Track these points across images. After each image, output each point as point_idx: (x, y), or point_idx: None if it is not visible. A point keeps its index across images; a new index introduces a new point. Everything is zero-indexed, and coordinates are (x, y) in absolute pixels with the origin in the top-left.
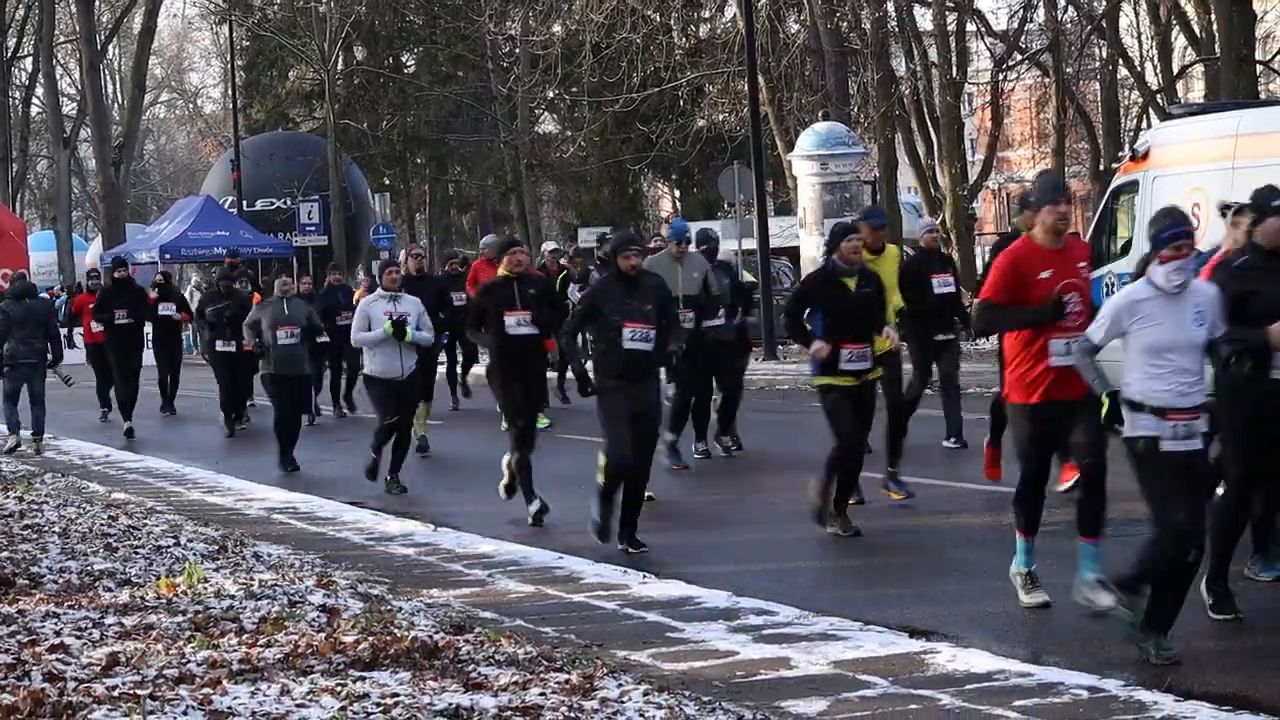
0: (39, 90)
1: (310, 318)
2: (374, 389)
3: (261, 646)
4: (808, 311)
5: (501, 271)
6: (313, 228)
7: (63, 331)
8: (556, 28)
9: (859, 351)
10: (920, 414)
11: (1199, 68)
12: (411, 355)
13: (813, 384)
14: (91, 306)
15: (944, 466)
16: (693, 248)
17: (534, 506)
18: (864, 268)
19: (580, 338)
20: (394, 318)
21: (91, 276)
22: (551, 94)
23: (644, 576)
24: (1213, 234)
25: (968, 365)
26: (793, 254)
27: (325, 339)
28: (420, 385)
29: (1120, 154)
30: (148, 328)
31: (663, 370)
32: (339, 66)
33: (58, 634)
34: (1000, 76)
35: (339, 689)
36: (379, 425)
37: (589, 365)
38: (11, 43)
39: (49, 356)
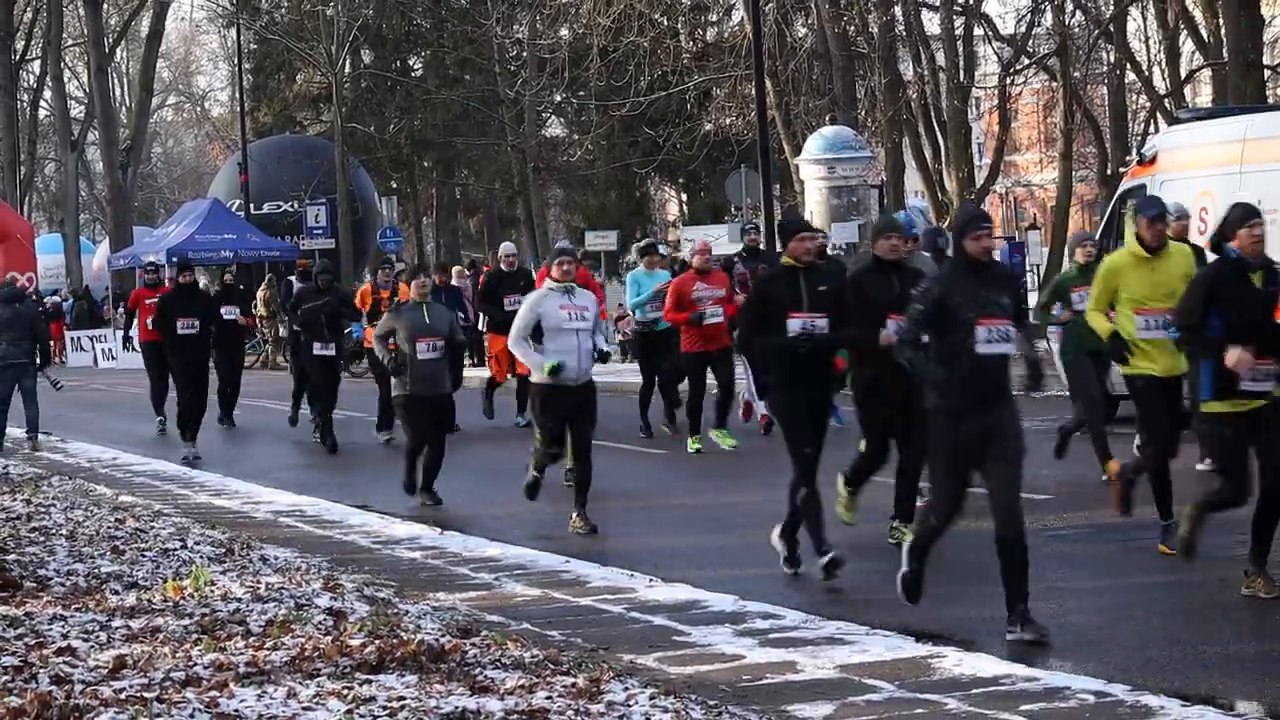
0: (47, 93)
1: (453, 326)
2: (540, 402)
3: (268, 649)
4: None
5: (787, 260)
6: (320, 231)
7: (117, 332)
8: (564, 31)
9: (1267, 369)
10: None
11: (1206, 72)
12: (590, 359)
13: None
14: (152, 316)
15: None
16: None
17: (826, 558)
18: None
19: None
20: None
21: (149, 270)
22: (559, 97)
23: (650, 580)
24: None
25: None
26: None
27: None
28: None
29: (1127, 158)
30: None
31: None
32: (346, 70)
33: (65, 636)
34: (1008, 80)
35: (345, 692)
36: (539, 447)
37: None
38: (20, 46)
39: (38, 360)
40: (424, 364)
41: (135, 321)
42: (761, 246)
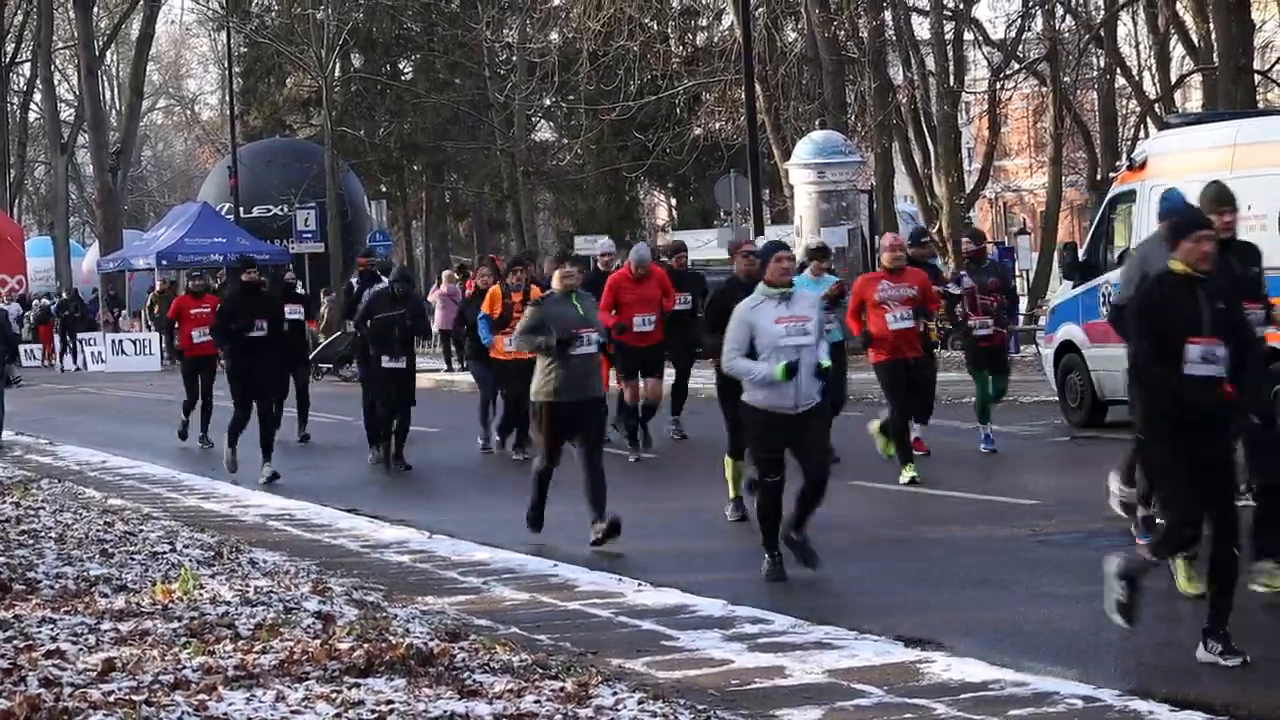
0: (37, 96)
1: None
2: (753, 425)
3: (257, 653)
4: None
5: (1179, 266)
6: (309, 234)
7: (108, 336)
8: (553, 36)
9: None
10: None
11: (1197, 77)
12: (814, 381)
13: None
14: (213, 321)
15: (940, 476)
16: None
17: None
18: None
19: None
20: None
21: (194, 277)
22: (548, 101)
23: (639, 584)
24: None
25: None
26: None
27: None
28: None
29: (1117, 163)
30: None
31: None
32: (336, 73)
33: (54, 639)
34: (998, 85)
35: (334, 696)
36: (760, 478)
37: None
38: (10, 48)
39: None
40: (577, 363)
41: (177, 332)
42: (988, 254)
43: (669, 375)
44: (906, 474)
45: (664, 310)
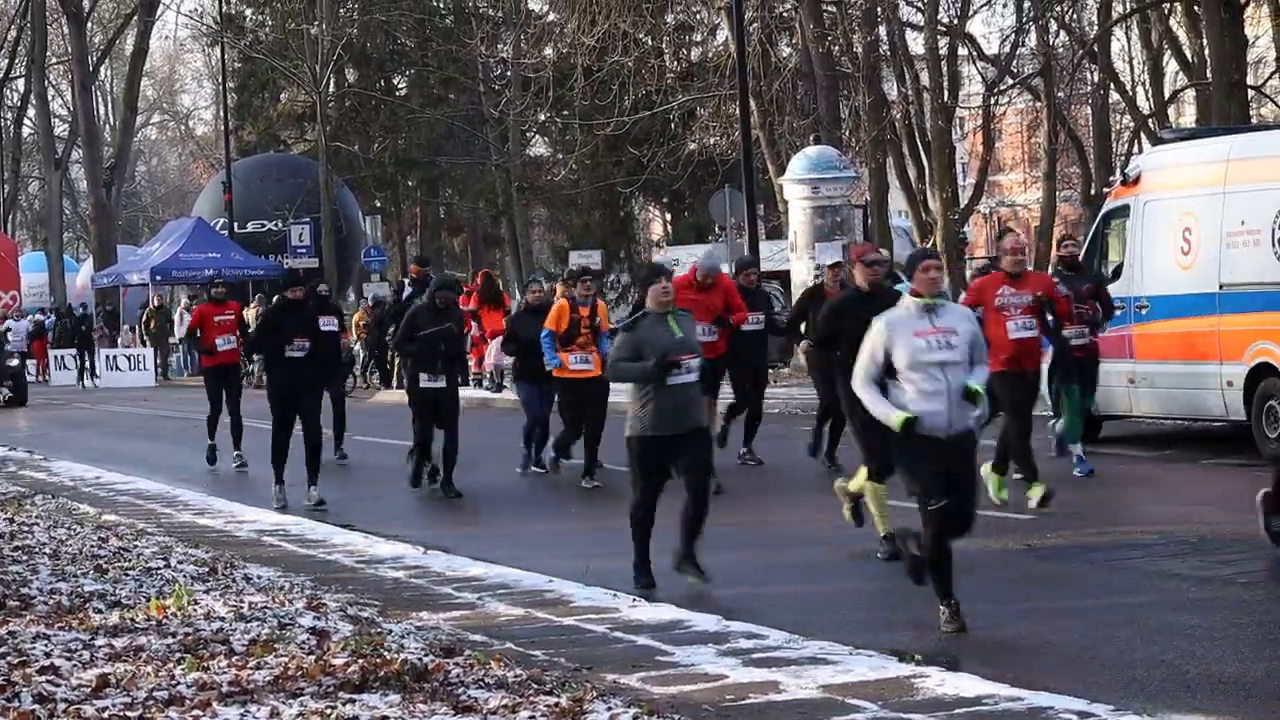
0: (31, 111)
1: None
2: (902, 451)
3: (251, 669)
4: None
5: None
6: (304, 250)
7: (102, 351)
8: (548, 51)
9: None
10: None
11: (1190, 92)
12: (968, 408)
13: None
14: (252, 335)
15: None
16: None
17: None
18: None
19: None
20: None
21: (215, 286)
22: (543, 117)
23: (634, 600)
24: (1204, 257)
25: None
26: (784, 278)
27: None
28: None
29: (1111, 179)
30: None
31: None
32: (330, 89)
33: (48, 655)
34: (992, 101)
35: (329, 711)
36: (921, 507)
37: None
38: (4, 64)
39: None
40: (677, 392)
41: (199, 341)
42: (1080, 259)
43: (723, 396)
44: (1037, 492)
45: (730, 325)
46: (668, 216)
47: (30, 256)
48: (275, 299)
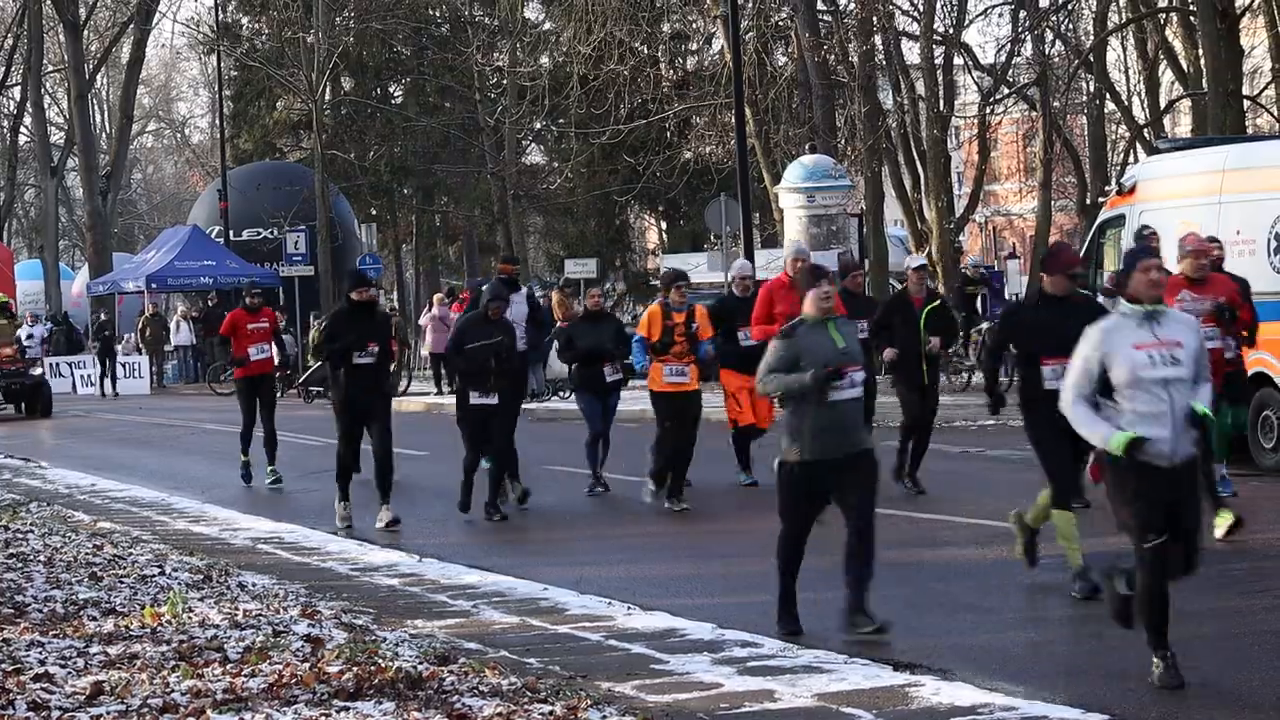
0: (27, 119)
1: None
2: (1119, 480)
3: (246, 676)
4: None
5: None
6: (299, 258)
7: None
8: (544, 59)
9: None
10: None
11: (1186, 102)
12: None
13: None
14: (320, 344)
15: (929, 499)
16: None
17: None
18: None
19: None
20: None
21: (249, 292)
22: (539, 125)
23: (629, 608)
24: None
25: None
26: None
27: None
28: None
29: (1107, 188)
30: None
31: None
32: (326, 97)
33: (42, 663)
34: (987, 110)
35: (323, 719)
36: (1138, 542)
37: None
38: (0, 72)
39: None
40: (839, 410)
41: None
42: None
43: None
44: (1225, 520)
45: None
46: (663, 225)
47: (26, 264)
48: (339, 303)
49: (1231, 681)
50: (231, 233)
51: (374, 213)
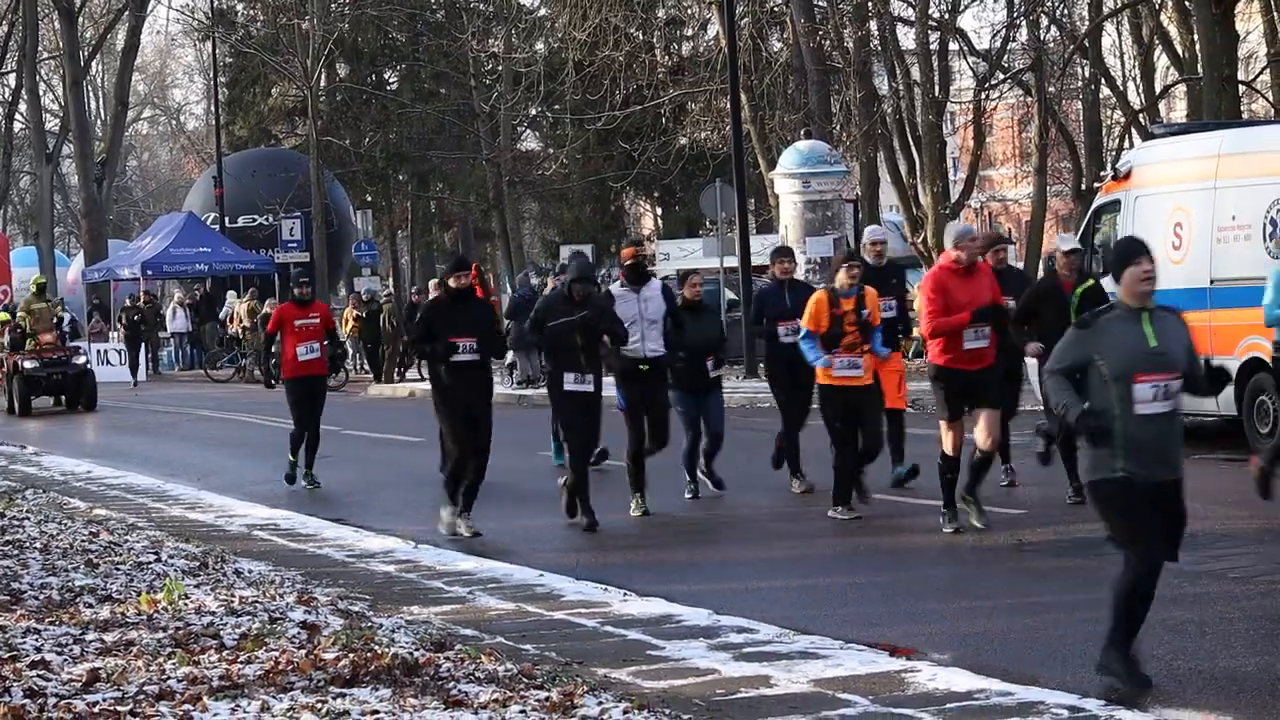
0: (22, 106)
1: None
2: None
3: (242, 663)
4: None
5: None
6: (295, 244)
7: (94, 345)
8: (539, 45)
9: None
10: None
11: (1181, 88)
12: None
13: None
14: (413, 339)
15: (926, 486)
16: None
17: None
18: None
19: None
20: None
21: (302, 283)
22: (534, 111)
23: (625, 594)
24: (1196, 252)
25: None
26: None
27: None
28: None
29: (1102, 174)
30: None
31: None
32: (322, 83)
33: (38, 650)
34: (983, 95)
35: (319, 706)
36: None
37: None
38: None
39: None
40: (1153, 423)
41: (278, 349)
42: None
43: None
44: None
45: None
46: (658, 211)
47: (21, 251)
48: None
49: (1225, 667)
50: (227, 219)
51: (369, 199)
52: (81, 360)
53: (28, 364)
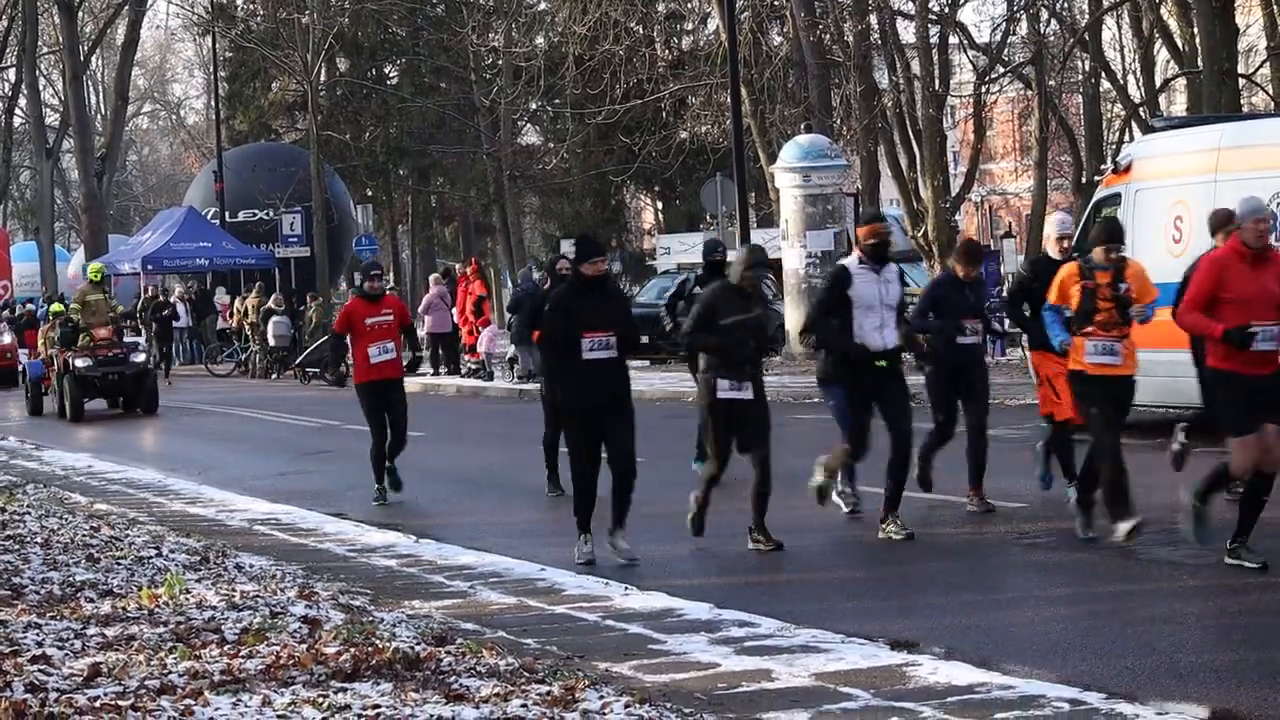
0: (22, 101)
1: None
2: None
3: (243, 657)
4: None
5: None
6: (295, 239)
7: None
8: (539, 39)
9: None
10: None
11: (1181, 81)
12: None
13: None
14: (541, 334)
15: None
16: None
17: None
18: None
19: None
20: None
21: (372, 275)
22: (534, 106)
23: (626, 588)
24: (1196, 246)
25: None
26: (775, 266)
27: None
28: None
29: (1103, 167)
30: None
31: None
32: (322, 78)
33: (40, 645)
34: (983, 89)
35: (320, 700)
36: None
37: None
38: None
39: None
40: None
41: (349, 351)
42: None
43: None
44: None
45: None
46: (659, 205)
47: (21, 246)
48: (560, 280)
49: (1225, 659)
50: (227, 214)
51: (370, 194)
52: (141, 358)
53: (80, 362)
